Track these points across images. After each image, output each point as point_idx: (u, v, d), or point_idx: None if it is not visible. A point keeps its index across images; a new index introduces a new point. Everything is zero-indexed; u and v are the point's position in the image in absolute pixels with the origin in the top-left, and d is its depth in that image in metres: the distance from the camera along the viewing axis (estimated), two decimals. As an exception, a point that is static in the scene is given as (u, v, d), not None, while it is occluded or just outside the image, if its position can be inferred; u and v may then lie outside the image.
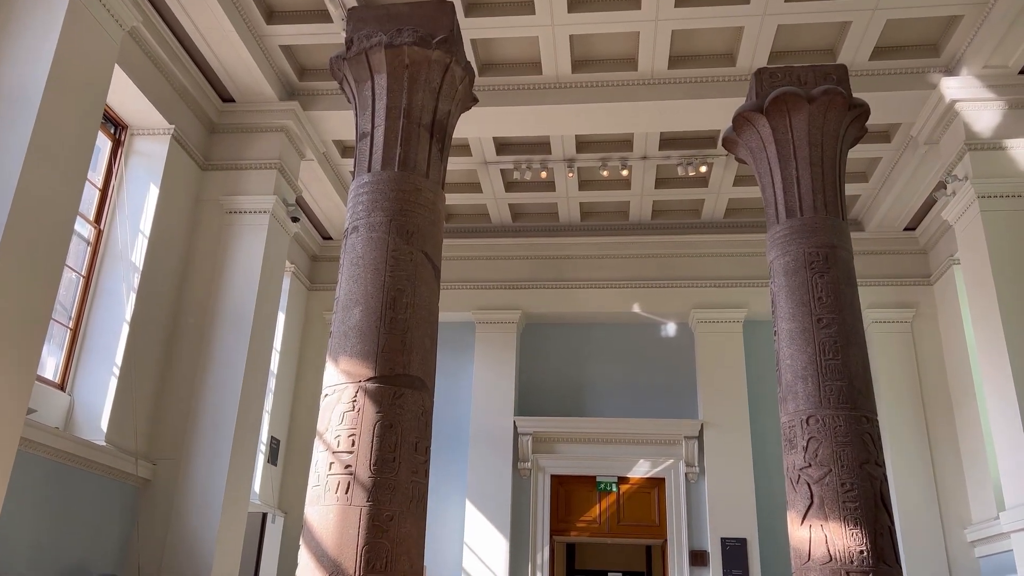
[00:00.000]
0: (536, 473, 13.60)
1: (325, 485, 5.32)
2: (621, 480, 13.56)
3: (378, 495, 5.23)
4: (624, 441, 13.61)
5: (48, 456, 8.13)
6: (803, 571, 4.95)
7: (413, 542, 5.33)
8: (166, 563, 9.30)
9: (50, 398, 8.71)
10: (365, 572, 5.04)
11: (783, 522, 12.86)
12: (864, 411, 5.16)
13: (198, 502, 9.59)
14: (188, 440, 9.92)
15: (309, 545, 5.24)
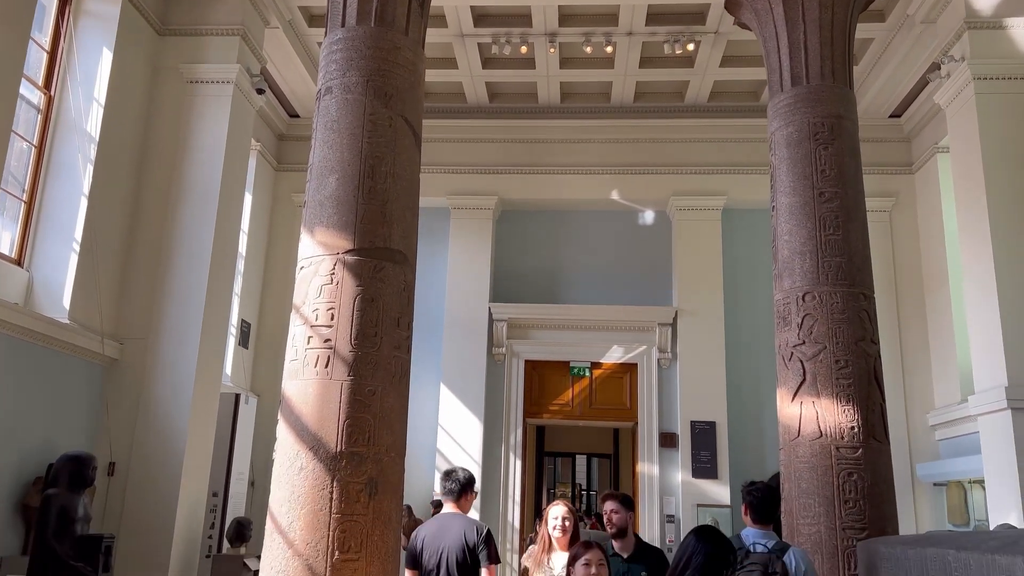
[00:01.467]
0: (510, 358, 13.61)
1: (304, 360, 5.11)
2: (594, 365, 13.64)
3: (359, 370, 5.04)
4: (598, 328, 13.59)
5: (9, 332, 7.81)
6: (792, 447, 4.92)
7: (396, 417, 5.20)
8: (137, 443, 9.19)
9: (7, 273, 8.30)
10: (347, 446, 4.91)
11: (751, 407, 13.17)
12: (862, 288, 5.02)
13: (168, 383, 9.40)
14: (156, 320, 9.63)
15: (288, 419, 5.08)
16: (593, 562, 3.85)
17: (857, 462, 4.65)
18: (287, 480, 4.92)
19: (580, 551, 3.97)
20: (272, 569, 4.78)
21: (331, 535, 4.74)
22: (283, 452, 5.02)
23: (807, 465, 4.76)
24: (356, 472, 4.88)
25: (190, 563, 9.33)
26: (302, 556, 4.72)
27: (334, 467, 4.85)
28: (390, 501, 5.03)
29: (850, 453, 4.67)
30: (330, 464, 4.85)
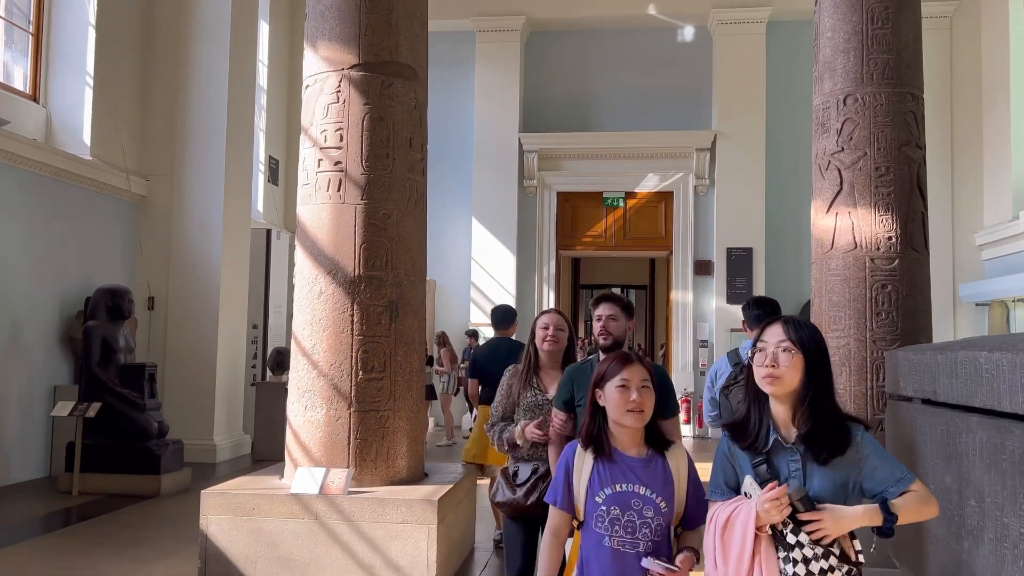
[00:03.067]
0: (542, 190, 13.34)
1: (315, 183, 4.95)
2: (628, 195, 13.32)
3: (373, 193, 4.87)
4: (633, 156, 13.15)
5: (32, 170, 7.78)
6: (823, 261, 4.70)
7: (414, 241, 5.08)
8: (173, 277, 9.35)
9: (25, 109, 8.16)
10: (365, 270, 4.84)
11: (790, 232, 12.85)
12: (910, 87, 4.59)
13: (197, 218, 9.42)
14: (179, 156, 9.53)
15: (305, 245, 4.99)
16: (633, 384, 2.34)
17: (892, 273, 4.43)
18: (308, 305, 4.91)
19: (613, 367, 2.40)
20: (299, 389, 4.87)
21: (354, 356, 4.77)
22: (302, 277, 4.98)
23: (839, 278, 4.56)
24: (376, 295, 4.84)
25: (235, 390, 9.74)
26: (327, 376, 4.78)
27: (353, 291, 4.81)
28: (412, 323, 5.01)
29: (885, 264, 4.44)
30: (349, 288, 4.81)
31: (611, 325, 3.32)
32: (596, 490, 2.34)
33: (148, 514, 6.62)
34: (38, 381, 7.93)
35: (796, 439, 2.14)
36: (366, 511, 4.43)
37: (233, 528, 4.51)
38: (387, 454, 4.80)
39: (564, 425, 3.23)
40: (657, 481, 2.35)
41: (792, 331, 2.18)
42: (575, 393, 3.21)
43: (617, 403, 2.35)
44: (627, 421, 2.35)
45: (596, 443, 2.40)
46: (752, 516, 2.06)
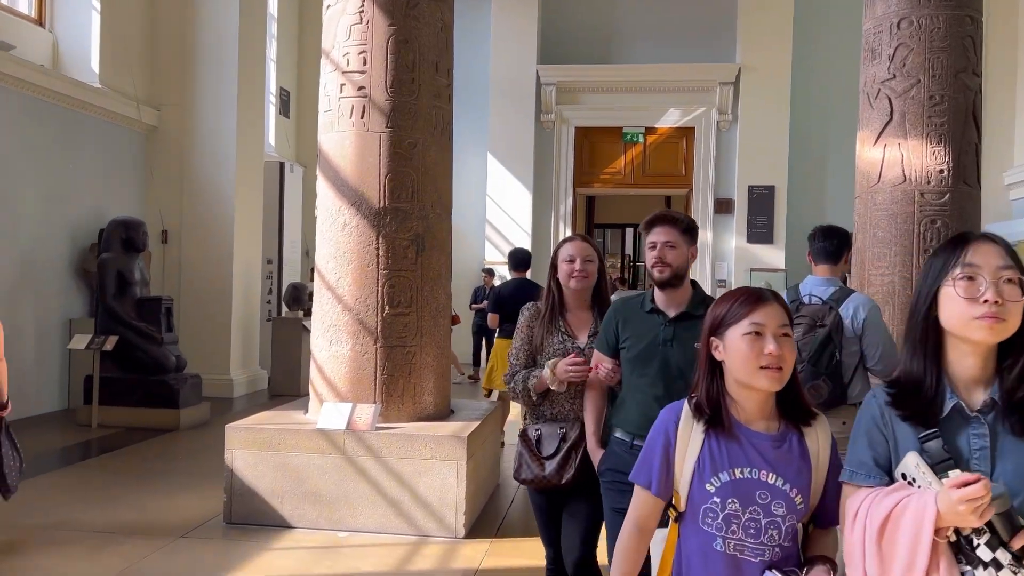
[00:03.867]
0: (559, 125, 13.01)
1: (338, 110, 4.73)
2: (648, 131, 12.98)
3: (398, 120, 4.66)
4: (654, 89, 12.78)
5: (40, 96, 7.55)
6: (868, 195, 4.50)
7: (440, 172, 4.88)
8: (186, 210, 9.18)
9: (30, 34, 7.88)
10: (391, 202, 4.66)
11: (815, 170, 12.57)
12: (969, 10, 4.33)
13: (209, 150, 9.21)
14: (189, 86, 9.26)
15: (327, 175, 4.81)
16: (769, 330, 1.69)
17: (943, 208, 4.24)
18: (331, 237, 4.75)
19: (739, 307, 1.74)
20: (323, 324, 4.75)
21: (380, 291, 4.64)
22: (325, 209, 4.81)
23: (885, 213, 4.37)
24: (401, 228, 4.67)
25: (251, 326, 9.67)
26: (353, 311, 4.65)
27: (378, 223, 4.64)
28: (439, 257, 4.86)
29: (936, 199, 4.24)
30: (374, 220, 4.64)
31: (669, 254, 2.55)
32: (707, 475, 1.71)
33: (168, 447, 6.61)
34: (53, 314, 7.86)
35: (984, 404, 1.50)
36: (394, 447, 4.35)
37: (259, 463, 4.44)
38: (414, 390, 4.70)
39: (612, 374, 2.68)
40: (792, 467, 1.71)
41: (1011, 256, 1.49)
42: (621, 334, 2.64)
43: (746, 357, 1.67)
44: (760, 382, 1.67)
45: (713, 412, 1.74)
46: (930, 514, 1.40)
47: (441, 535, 4.30)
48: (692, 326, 2.45)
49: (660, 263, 2.57)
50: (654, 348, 2.54)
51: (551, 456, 2.85)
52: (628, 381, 2.63)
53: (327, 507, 4.37)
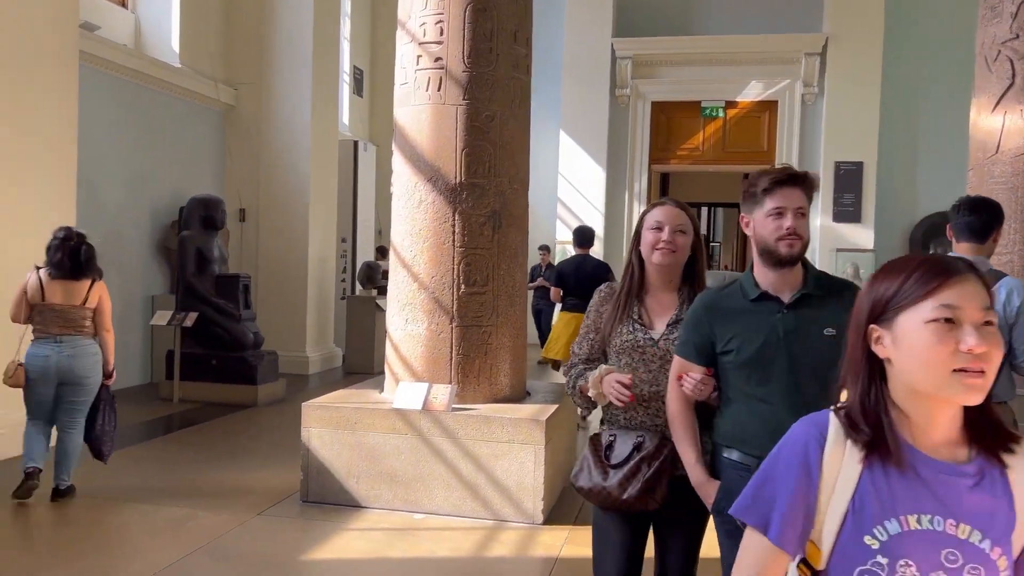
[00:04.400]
0: (635, 100, 12.64)
1: (414, 83, 4.60)
2: (728, 105, 12.50)
3: (475, 92, 4.50)
4: (735, 61, 12.27)
5: (123, 76, 7.68)
6: (985, 167, 4.13)
7: (517, 146, 4.71)
8: (263, 188, 9.27)
9: (114, 15, 8.02)
10: (467, 177, 4.52)
11: (906, 145, 11.91)
12: (1109, -40, 3.88)
13: (285, 128, 9.25)
14: (266, 65, 9.31)
15: (403, 150, 4.69)
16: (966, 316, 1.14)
17: (1072, 181, 3.85)
18: (407, 214, 4.64)
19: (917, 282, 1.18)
20: (399, 302, 4.66)
21: (456, 269, 4.51)
22: (400, 185, 4.70)
23: (1005, 186, 4.00)
24: (478, 204, 4.53)
25: (326, 303, 9.73)
26: (428, 289, 4.54)
27: (455, 199, 4.51)
28: (516, 235, 4.70)
29: (1064, 171, 3.86)
30: (450, 196, 4.51)
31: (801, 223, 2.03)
32: (868, 524, 1.16)
33: (246, 423, 6.68)
34: (136, 290, 8.04)
35: None
36: (470, 429, 4.24)
37: (335, 441, 4.39)
38: (490, 371, 4.57)
39: (701, 388, 2.09)
40: (994, 515, 1.16)
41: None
42: (719, 334, 2.05)
43: (933, 355, 1.14)
44: (954, 391, 1.13)
45: (875, 434, 1.19)
46: None
47: (519, 520, 4.17)
48: (818, 310, 1.99)
49: (792, 236, 1.99)
50: (774, 345, 1.99)
51: (619, 465, 2.24)
52: (740, 391, 2.05)
53: (403, 488, 4.29)
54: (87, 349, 4.38)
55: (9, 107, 5.21)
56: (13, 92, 5.23)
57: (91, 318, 4.42)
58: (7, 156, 5.21)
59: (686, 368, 2.11)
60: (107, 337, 4.44)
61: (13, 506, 4.35)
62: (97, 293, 4.46)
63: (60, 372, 4.32)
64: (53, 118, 5.56)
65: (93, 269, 4.46)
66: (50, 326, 4.36)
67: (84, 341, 4.38)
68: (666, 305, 2.36)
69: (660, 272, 2.34)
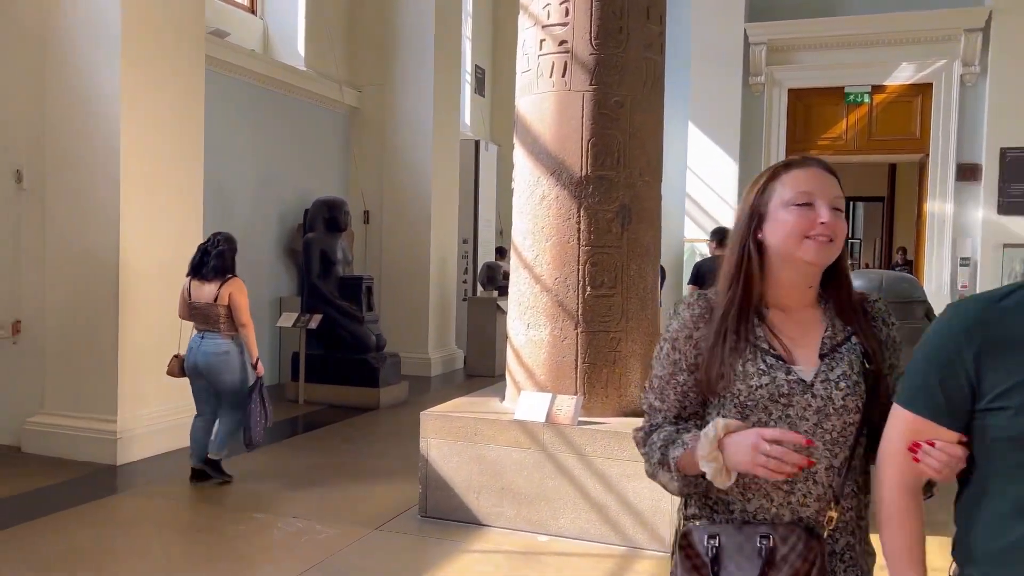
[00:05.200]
0: (771, 88, 11.83)
1: (537, 69, 4.28)
2: (875, 89, 11.48)
3: (603, 76, 4.13)
4: (882, 42, 11.27)
5: (252, 81, 7.80)
6: None
7: (649, 134, 4.30)
8: (386, 190, 9.24)
9: (243, 22, 8.17)
10: (593, 169, 4.15)
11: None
12: None
13: (408, 129, 9.18)
14: (389, 66, 9.28)
15: (524, 142, 4.38)
16: None
17: None
18: (529, 211, 4.32)
19: None
20: (521, 305, 4.35)
21: (581, 269, 4.15)
22: (522, 180, 4.39)
23: None
24: (606, 199, 4.15)
25: (447, 305, 9.61)
26: (551, 292, 4.21)
27: (580, 194, 4.15)
28: (646, 231, 4.29)
29: None
30: (575, 190, 4.16)
31: None
32: None
33: (368, 428, 6.57)
34: (265, 292, 8.14)
35: None
36: (599, 445, 3.87)
37: (454, 453, 4.13)
38: (618, 381, 4.19)
39: (952, 465, 1.28)
40: None
41: None
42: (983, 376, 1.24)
43: None
44: None
45: None
46: None
47: (653, 548, 3.76)
48: None
49: None
50: None
51: None
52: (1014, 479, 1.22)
53: (526, 506, 3.97)
54: (217, 346, 4.61)
55: (142, 116, 5.28)
56: (146, 100, 5.31)
57: (225, 315, 4.63)
58: (142, 163, 5.29)
59: (922, 432, 1.29)
60: (243, 331, 4.65)
61: (135, 509, 4.36)
62: (227, 291, 4.64)
63: (198, 365, 4.64)
64: (182, 124, 5.63)
65: (222, 269, 4.68)
66: (197, 323, 4.71)
67: (217, 339, 4.62)
68: (807, 325, 1.49)
69: (803, 274, 1.47)
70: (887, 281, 6.24)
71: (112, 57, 5.11)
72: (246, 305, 4.67)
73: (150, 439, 5.34)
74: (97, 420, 5.19)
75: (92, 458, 5.14)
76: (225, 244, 4.75)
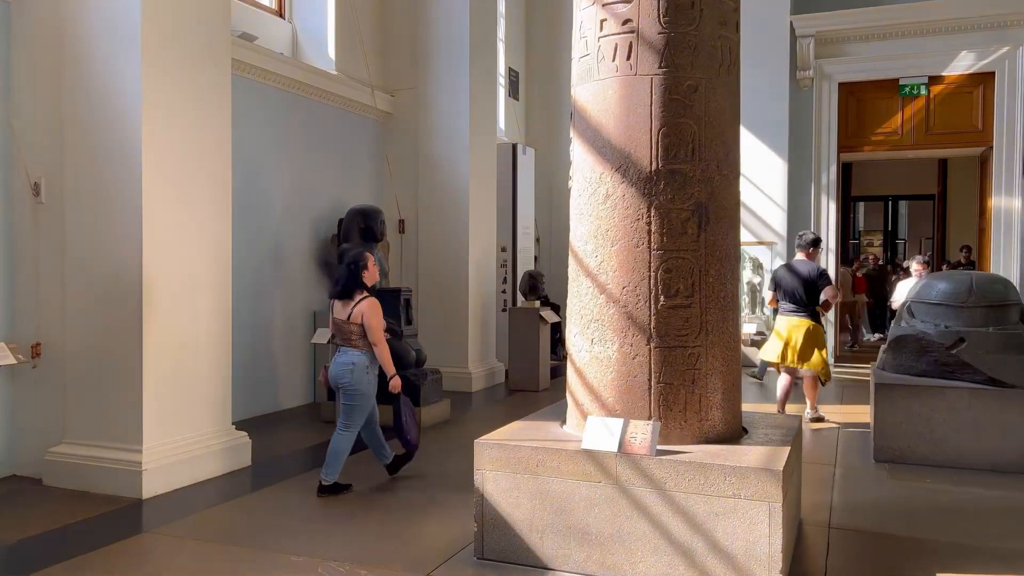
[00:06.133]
0: (820, 82, 11.28)
1: (597, 53, 3.81)
2: (932, 80, 10.89)
3: (673, 58, 3.66)
4: (939, 30, 10.68)
5: (280, 86, 7.44)
6: None
7: (727, 121, 3.81)
8: (422, 198, 8.85)
9: (271, 26, 7.83)
10: (665, 163, 3.67)
11: None
12: None
13: (444, 134, 8.78)
14: (422, 70, 8.90)
15: (584, 135, 3.91)
16: None
17: None
18: (591, 212, 3.85)
19: None
20: (583, 318, 3.87)
21: (652, 276, 3.67)
22: (582, 177, 3.92)
23: None
24: (679, 196, 3.67)
25: (487, 317, 9.16)
26: (619, 303, 3.73)
27: (650, 191, 3.68)
28: (726, 232, 3.80)
29: None
30: (644, 187, 3.68)
31: None
32: None
33: (410, 450, 6.11)
34: (299, 306, 7.77)
35: None
36: (681, 479, 3.37)
37: (513, 488, 3.66)
38: (698, 403, 3.69)
39: None
40: None
41: None
42: None
43: None
44: None
45: None
46: None
47: (748, 597, 3.25)
48: None
49: None
50: None
51: None
52: None
53: (598, 549, 3.48)
54: (347, 359, 4.78)
55: (165, 124, 4.91)
56: (169, 107, 4.93)
57: (359, 333, 4.78)
58: (166, 175, 4.91)
59: None
60: (376, 350, 4.80)
61: (163, 552, 3.95)
62: (360, 310, 4.78)
63: (331, 377, 4.86)
64: (208, 132, 5.25)
65: (353, 288, 4.84)
66: (337, 338, 4.95)
67: (351, 353, 4.79)
68: None
69: None
70: (977, 283, 5.67)
71: (132, 62, 4.74)
72: (378, 324, 4.78)
73: (178, 469, 4.94)
74: (122, 450, 4.81)
75: (117, 491, 4.75)
76: (352, 264, 4.89)
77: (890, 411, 5.56)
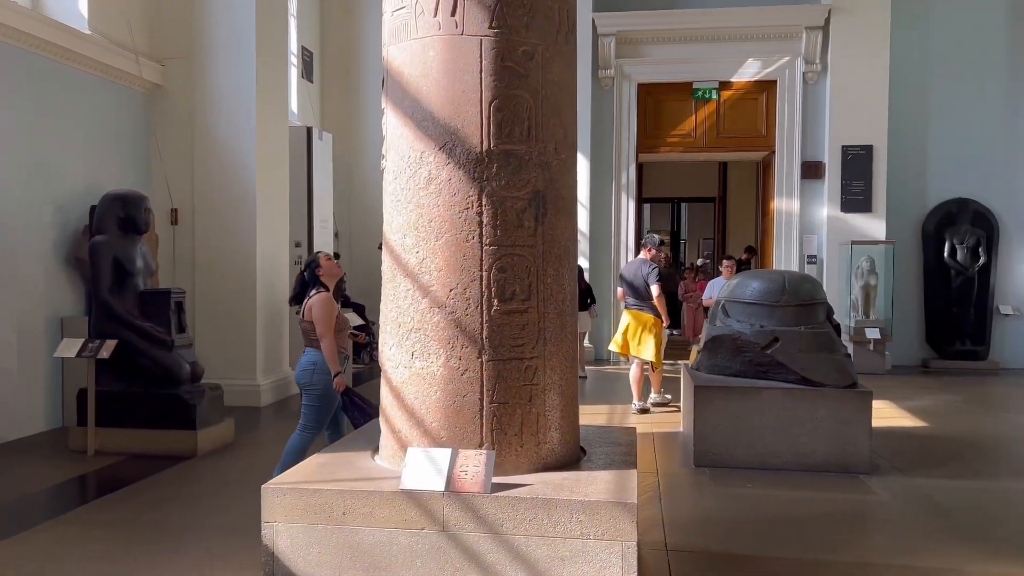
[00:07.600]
0: (620, 82, 11.37)
1: (416, 6, 3.16)
2: (723, 86, 11.33)
3: (506, 17, 3.11)
4: (729, 37, 11.13)
5: (22, 45, 6.05)
6: None
7: (565, 97, 3.32)
8: (199, 183, 7.68)
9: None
10: (497, 142, 3.10)
11: (917, 126, 10.90)
12: None
13: (225, 112, 7.69)
14: (200, 39, 7.74)
15: (400, 103, 3.24)
16: None
17: None
18: (409, 198, 3.19)
19: None
20: (401, 327, 3.21)
21: (485, 277, 3.09)
22: (398, 155, 3.25)
23: None
24: (514, 182, 3.12)
25: (278, 321, 8.16)
26: (444, 308, 3.10)
27: (480, 174, 3.09)
28: (565, 226, 3.30)
29: None
30: (474, 170, 3.09)
31: None
32: None
33: (185, 485, 5.10)
34: (40, 312, 6.39)
35: None
36: (521, 519, 2.81)
37: (314, 542, 2.92)
38: (536, 424, 3.16)
39: None
40: None
41: None
42: None
43: None
44: None
45: None
46: None
47: (600, 654, 2.76)
48: None
49: None
50: None
51: None
52: None
53: (422, 612, 2.84)
54: (309, 359, 4.57)
55: None
56: None
57: (313, 330, 4.56)
58: None
59: None
60: (321, 345, 4.52)
61: None
62: (309, 306, 4.57)
63: (295, 377, 4.67)
64: None
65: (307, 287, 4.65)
66: None
67: (311, 353, 4.58)
68: None
69: None
70: (790, 282, 5.67)
71: None
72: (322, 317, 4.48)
73: None
74: None
75: None
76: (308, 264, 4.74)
77: (708, 413, 5.41)
